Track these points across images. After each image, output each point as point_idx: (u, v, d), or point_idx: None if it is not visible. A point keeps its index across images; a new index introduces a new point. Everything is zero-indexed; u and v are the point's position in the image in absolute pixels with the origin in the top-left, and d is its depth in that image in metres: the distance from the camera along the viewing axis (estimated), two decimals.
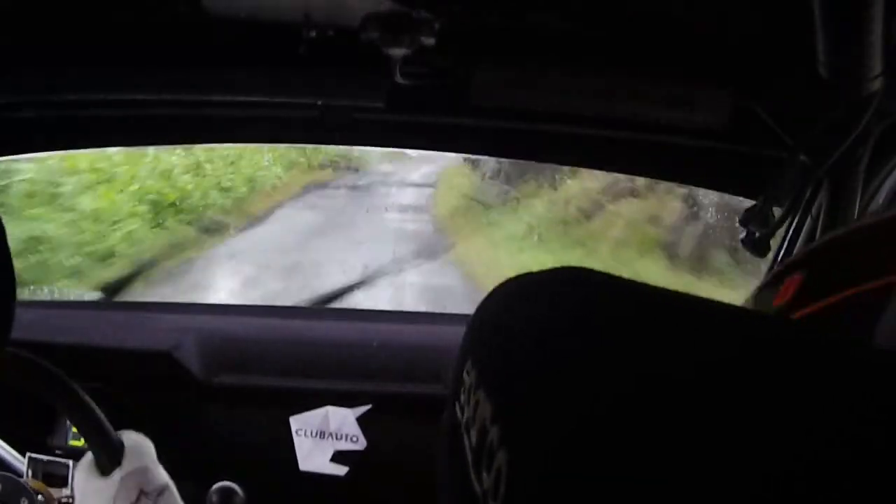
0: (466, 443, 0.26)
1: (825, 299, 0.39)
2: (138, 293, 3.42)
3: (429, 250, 4.02)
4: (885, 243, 0.40)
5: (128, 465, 0.74)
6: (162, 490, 0.75)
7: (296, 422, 1.27)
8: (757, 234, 1.02)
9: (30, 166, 3.11)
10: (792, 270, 0.43)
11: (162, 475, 0.77)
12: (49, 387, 0.75)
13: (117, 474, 0.74)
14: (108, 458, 0.75)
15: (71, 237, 3.40)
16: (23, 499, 0.91)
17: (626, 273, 0.27)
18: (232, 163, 4.44)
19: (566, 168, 3.90)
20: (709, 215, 3.65)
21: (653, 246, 4.18)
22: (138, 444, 0.77)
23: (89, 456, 0.76)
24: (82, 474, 0.76)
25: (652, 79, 1.01)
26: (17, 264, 0.62)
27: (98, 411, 0.75)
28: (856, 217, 0.98)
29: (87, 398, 0.75)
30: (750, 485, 0.17)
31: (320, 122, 1.16)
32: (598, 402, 0.21)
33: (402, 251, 3.75)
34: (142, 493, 0.73)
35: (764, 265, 1.14)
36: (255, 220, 4.44)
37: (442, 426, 0.31)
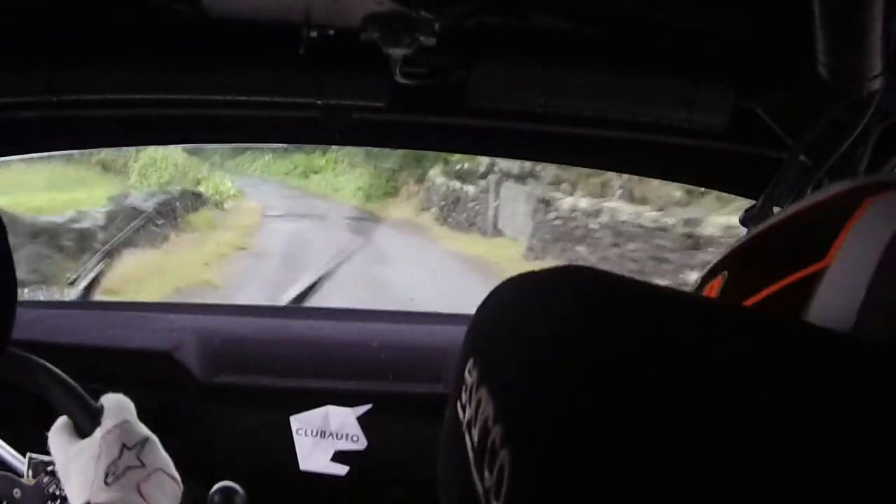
0: (468, 442, 0.26)
1: (745, 299, 0.38)
2: None
3: None
4: (800, 234, 0.39)
5: (107, 422, 0.73)
6: (143, 442, 0.74)
7: (296, 422, 1.27)
8: None
9: None
10: (713, 274, 0.43)
11: (142, 428, 0.76)
12: (16, 366, 0.74)
13: (98, 433, 0.72)
14: (88, 420, 0.73)
15: None
16: (15, 490, 0.91)
17: None
18: None
19: None
20: None
21: None
22: (115, 402, 0.76)
23: (62, 420, 0.75)
24: (59, 438, 0.74)
25: (652, 79, 1.01)
26: None
27: (68, 379, 0.74)
28: None
29: (55, 368, 0.74)
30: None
31: (320, 122, 1.16)
32: (601, 401, 0.21)
33: None
34: (124, 447, 0.72)
35: None
36: None
37: (443, 425, 0.31)
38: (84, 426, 0.74)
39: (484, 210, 10.30)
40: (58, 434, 0.75)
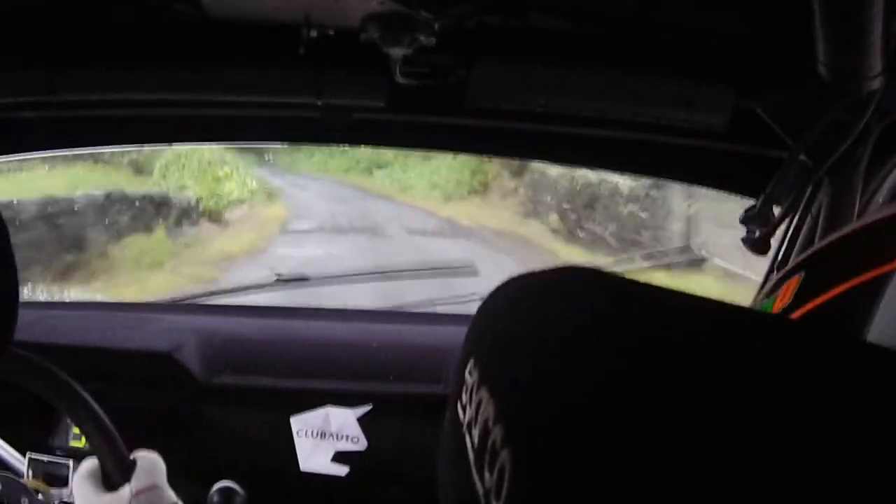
0: (468, 442, 0.26)
1: (821, 296, 0.41)
2: None
3: None
4: (879, 238, 0.42)
5: (138, 482, 0.73)
6: None
7: (296, 422, 1.27)
8: (757, 233, 1.03)
9: None
10: (790, 275, 0.46)
11: (171, 494, 0.76)
12: (63, 398, 0.73)
13: (126, 490, 0.72)
14: (119, 474, 0.73)
15: None
16: (23, 498, 0.91)
17: None
18: None
19: None
20: None
21: None
22: (150, 462, 0.76)
23: (91, 464, 0.75)
24: (86, 485, 0.74)
25: (652, 79, 1.01)
26: None
27: (109, 424, 0.74)
28: (855, 217, 0.99)
29: (100, 411, 0.74)
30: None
31: (320, 122, 1.17)
32: (602, 402, 0.21)
33: None
34: None
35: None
36: None
37: (444, 426, 0.31)
38: (114, 477, 0.73)
39: (659, 220, 5.56)
40: (84, 479, 0.74)
